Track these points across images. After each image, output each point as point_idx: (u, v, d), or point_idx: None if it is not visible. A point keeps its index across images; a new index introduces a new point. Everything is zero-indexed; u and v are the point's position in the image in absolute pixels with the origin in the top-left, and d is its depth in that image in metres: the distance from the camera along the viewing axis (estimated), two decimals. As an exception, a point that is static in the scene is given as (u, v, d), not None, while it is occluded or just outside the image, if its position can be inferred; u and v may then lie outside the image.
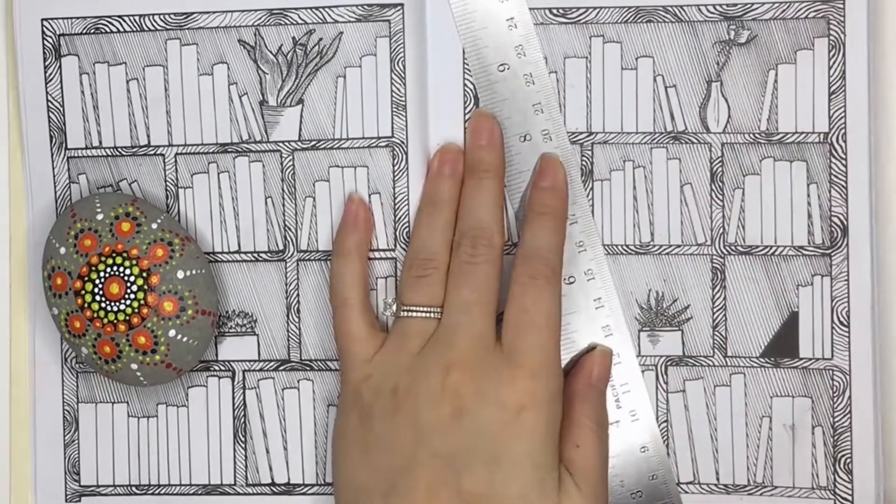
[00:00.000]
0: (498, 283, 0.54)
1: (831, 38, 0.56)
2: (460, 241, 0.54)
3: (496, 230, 0.54)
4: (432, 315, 0.54)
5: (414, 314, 0.54)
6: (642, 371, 0.57)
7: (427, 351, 0.53)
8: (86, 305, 0.55)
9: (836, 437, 0.56)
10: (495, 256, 0.54)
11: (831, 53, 0.56)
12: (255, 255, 0.58)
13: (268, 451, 0.59)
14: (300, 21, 0.58)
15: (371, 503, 0.52)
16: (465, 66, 0.57)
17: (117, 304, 0.55)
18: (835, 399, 0.56)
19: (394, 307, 0.55)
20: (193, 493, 0.59)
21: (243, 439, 0.59)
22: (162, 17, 0.58)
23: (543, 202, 0.55)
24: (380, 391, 0.53)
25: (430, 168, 0.57)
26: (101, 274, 0.55)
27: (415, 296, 0.55)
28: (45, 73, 0.59)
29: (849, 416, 0.56)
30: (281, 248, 0.58)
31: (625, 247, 0.57)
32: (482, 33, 0.56)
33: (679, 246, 0.57)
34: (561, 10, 0.56)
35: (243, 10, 0.58)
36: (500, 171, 0.56)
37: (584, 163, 0.57)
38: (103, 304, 0.55)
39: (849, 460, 0.56)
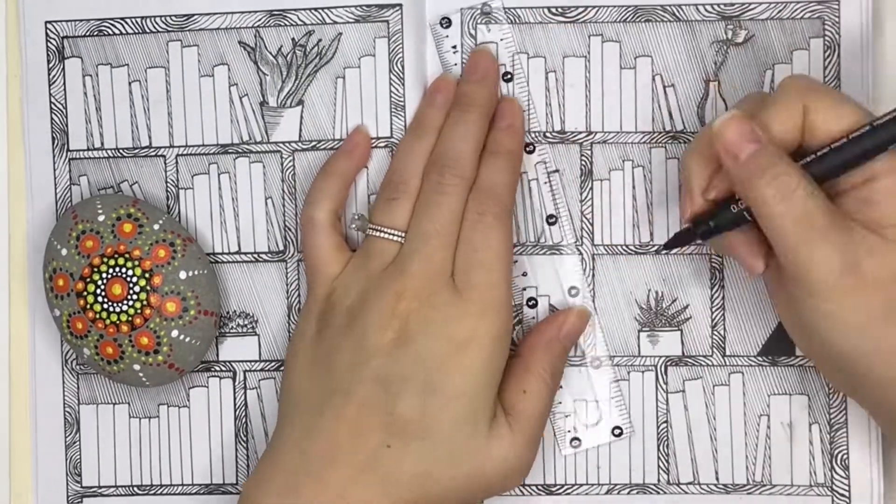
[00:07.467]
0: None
1: (826, 38, 0.56)
2: (430, 169, 0.55)
3: (469, 165, 0.54)
4: (395, 238, 0.54)
5: (378, 235, 0.54)
6: (642, 372, 0.57)
7: (384, 275, 0.54)
8: (88, 307, 0.56)
9: (832, 434, 0.56)
10: (463, 190, 0.54)
11: (826, 54, 0.56)
12: (256, 255, 0.59)
13: (269, 451, 0.59)
14: (299, 22, 0.58)
15: (308, 411, 0.53)
16: (463, 66, 0.57)
17: (120, 304, 0.55)
18: (830, 396, 0.57)
19: (359, 222, 0.56)
20: (195, 493, 0.59)
21: (245, 439, 0.59)
22: (163, 18, 0.58)
23: (499, 141, 0.55)
24: (337, 307, 0.54)
25: (424, 95, 0.57)
26: (104, 275, 0.55)
27: (382, 217, 0.55)
28: (49, 75, 0.59)
29: (844, 412, 0.56)
30: (281, 248, 0.59)
31: (624, 247, 0.57)
32: None
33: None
34: (560, 10, 0.57)
35: (243, 12, 0.58)
36: (486, 109, 0.55)
37: (583, 162, 0.57)
38: (105, 305, 0.55)
39: (845, 456, 0.56)
